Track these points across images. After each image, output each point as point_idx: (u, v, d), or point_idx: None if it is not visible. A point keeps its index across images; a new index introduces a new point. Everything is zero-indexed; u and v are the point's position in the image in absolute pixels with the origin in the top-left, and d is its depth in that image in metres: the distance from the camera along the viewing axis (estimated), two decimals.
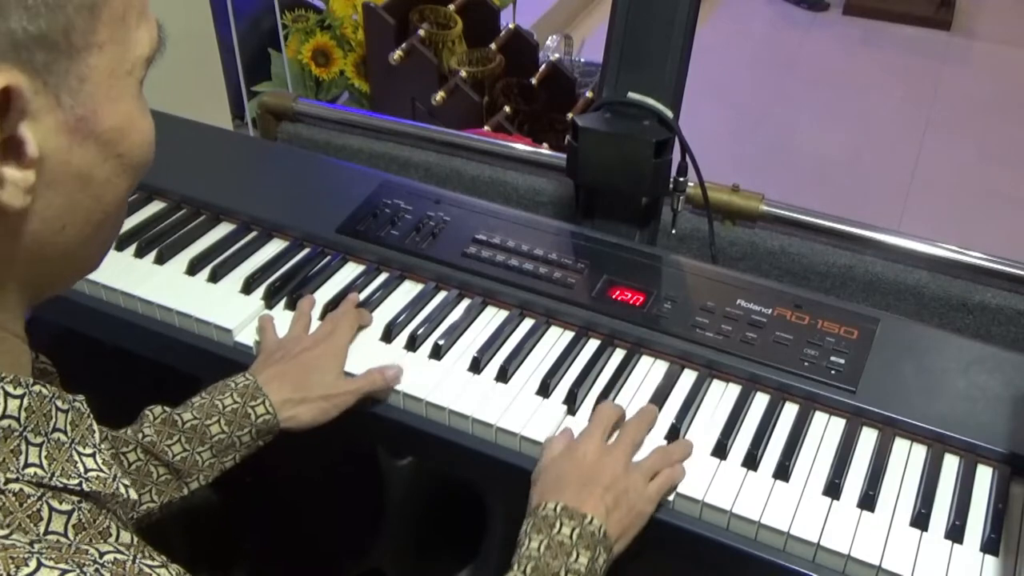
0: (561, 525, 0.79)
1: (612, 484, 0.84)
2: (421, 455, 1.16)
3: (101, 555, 0.45)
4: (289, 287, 1.09)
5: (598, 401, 0.95)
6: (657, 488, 0.86)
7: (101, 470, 0.50)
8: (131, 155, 0.51)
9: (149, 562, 0.48)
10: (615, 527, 0.82)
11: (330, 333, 1.00)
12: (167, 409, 0.89)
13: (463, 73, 2.30)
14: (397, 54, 2.29)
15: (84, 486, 0.48)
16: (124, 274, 1.11)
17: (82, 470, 0.49)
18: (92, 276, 1.10)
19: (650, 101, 1.13)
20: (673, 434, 0.92)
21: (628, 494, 0.84)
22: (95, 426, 0.52)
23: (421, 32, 2.34)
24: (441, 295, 1.09)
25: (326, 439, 0.96)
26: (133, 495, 0.52)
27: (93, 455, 0.50)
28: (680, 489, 0.87)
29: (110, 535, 0.48)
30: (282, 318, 1.05)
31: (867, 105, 3.21)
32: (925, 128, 3.06)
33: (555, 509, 0.81)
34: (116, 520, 0.50)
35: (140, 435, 0.87)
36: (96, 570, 0.44)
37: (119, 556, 0.46)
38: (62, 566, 0.43)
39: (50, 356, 0.94)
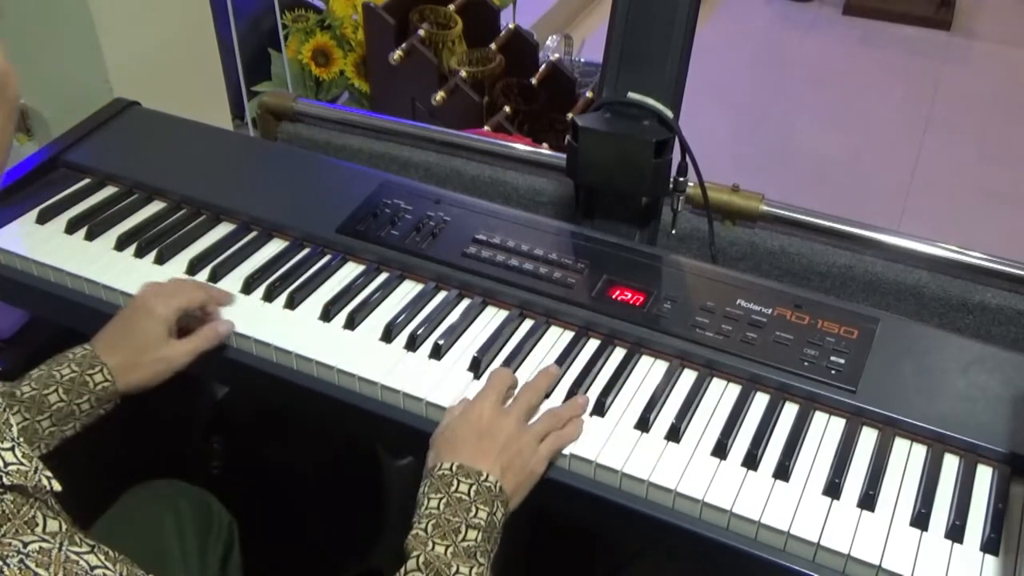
0: (459, 483, 0.82)
1: (506, 444, 0.87)
2: (421, 455, 1.16)
3: (25, 545, 0.45)
4: (289, 287, 1.09)
5: (599, 401, 0.95)
6: (548, 449, 0.89)
7: (21, 463, 0.50)
8: (13, 97, 0.54)
9: (76, 548, 0.48)
10: (510, 483, 0.85)
11: (168, 294, 1.00)
12: (5, 384, 0.90)
13: (463, 73, 2.30)
14: (397, 54, 2.29)
15: (5, 480, 0.49)
16: (124, 274, 1.11)
17: (1, 465, 0.49)
18: (92, 276, 1.10)
19: (650, 101, 1.13)
20: (672, 434, 0.92)
21: (521, 454, 0.87)
22: (12, 420, 0.52)
23: (421, 32, 2.34)
24: (441, 295, 1.09)
25: (327, 438, 0.96)
26: (56, 486, 0.51)
27: (12, 449, 0.50)
28: (680, 488, 0.87)
29: (36, 525, 0.48)
30: (283, 317, 1.05)
31: (867, 105, 3.21)
32: (925, 128, 3.06)
33: (451, 468, 0.83)
34: (44, 509, 0.50)
35: None
36: (20, 560, 0.44)
37: (44, 545, 0.46)
38: None
39: (50, 356, 0.95)
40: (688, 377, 0.99)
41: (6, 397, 0.88)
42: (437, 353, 1.01)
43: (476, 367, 0.99)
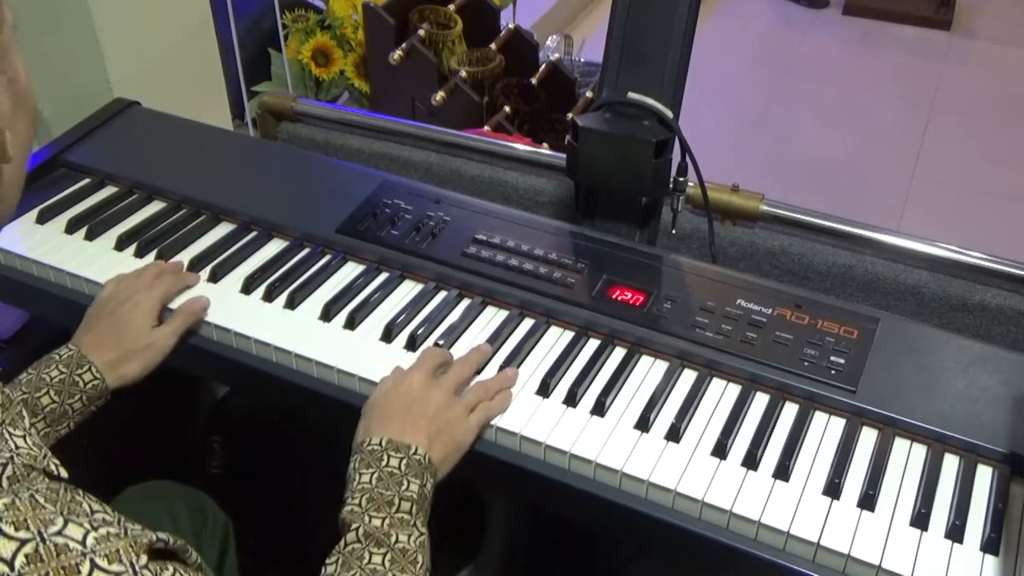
0: (389, 458, 0.84)
1: (436, 415, 0.89)
2: None
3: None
4: (289, 287, 1.09)
5: (599, 401, 0.95)
6: (477, 419, 0.91)
7: (32, 449, 0.54)
8: (33, 106, 0.62)
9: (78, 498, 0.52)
10: (438, 453, 0.87)
11: (147, 287, 1.03)
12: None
13: (463, 73, 2.30)
14: (397, 54, 2.29)
15: (16, 460, 0.52)
16: None
17: (13, 447, 0.53)
18: (93, 276, 1.10)
19: (650, 101, 1.13)
20: (672, 434, 0.92)
21: (450, 424, 0.89)
22: (24, 412, 0.57)
23: (421, 32, 2.34)
24: (441, 295, 1.09)
25: (326, 438, 0.96)
26: (64, 473, 0.54)
27: (24, 436, 0.54)
28: (680, 488, 0.87)
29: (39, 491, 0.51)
30: (283, 317, 1.05)
31: (867, 105, 3.21)
32: (925, 128, 3.06)
33: (381, 443, 0.85)
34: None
35: None
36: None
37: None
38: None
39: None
40: (688, 377, 0.99)
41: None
42: None
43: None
